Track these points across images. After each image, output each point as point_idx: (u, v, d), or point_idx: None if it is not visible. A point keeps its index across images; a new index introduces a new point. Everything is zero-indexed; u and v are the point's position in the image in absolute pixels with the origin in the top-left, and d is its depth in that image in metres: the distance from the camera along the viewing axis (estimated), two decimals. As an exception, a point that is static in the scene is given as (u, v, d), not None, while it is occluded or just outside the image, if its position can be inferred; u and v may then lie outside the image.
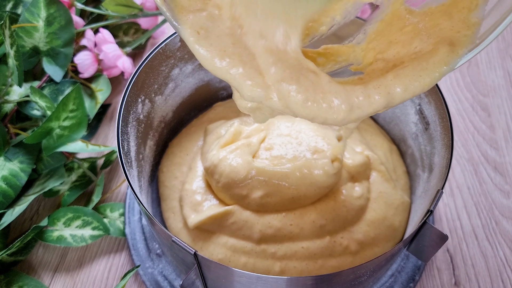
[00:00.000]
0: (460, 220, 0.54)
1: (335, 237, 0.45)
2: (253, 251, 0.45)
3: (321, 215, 0.46)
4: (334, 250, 0.45)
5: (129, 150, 0.45)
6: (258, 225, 0.45)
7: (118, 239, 0.53)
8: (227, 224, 0.46)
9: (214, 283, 0.40)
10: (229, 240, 0.46)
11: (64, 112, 0.50)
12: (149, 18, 0.64)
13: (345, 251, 0.45)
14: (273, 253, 0.45)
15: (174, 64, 0.51)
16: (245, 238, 0.45)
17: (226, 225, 0.46)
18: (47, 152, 0.50)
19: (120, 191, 0.56)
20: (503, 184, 0.56)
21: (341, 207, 0.46)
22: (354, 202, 0.47)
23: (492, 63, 0.68)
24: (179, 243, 0.35)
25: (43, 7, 0.56)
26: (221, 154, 0.48)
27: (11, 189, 0.50)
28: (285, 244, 0.45)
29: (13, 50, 0.51)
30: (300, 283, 0.36)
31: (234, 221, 0.46)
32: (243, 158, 0.48)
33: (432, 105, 0.46)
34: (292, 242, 0.45)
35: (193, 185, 0.50)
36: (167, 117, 0.54)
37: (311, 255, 0.45)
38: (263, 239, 0.45)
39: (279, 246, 0.45)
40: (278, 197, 0.46)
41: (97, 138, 0.61)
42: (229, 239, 0.46)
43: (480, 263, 0.51)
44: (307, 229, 0.45)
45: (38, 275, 0.50)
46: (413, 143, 0.51)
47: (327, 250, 0.45)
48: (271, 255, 0.45)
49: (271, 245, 0.45)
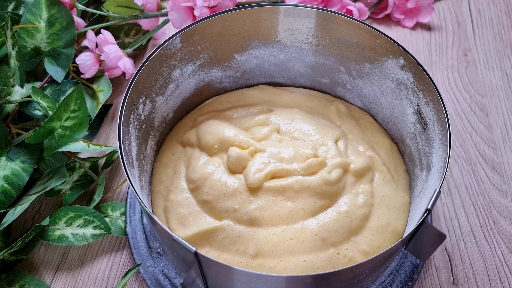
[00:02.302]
0: (458, 219, 0.54)
1: (339, 249, 0.45)
2: (249, 266, 0.44)
3: (324, 227, 0.45)
4: (339, 263, 0.44)
5: (130, 150, 0.45)
6: (254, 240, 0.45)
7: (119, 238, 0.53)
8: (218, 239, 0.45)
9: (215, 282, 0.40)
10: (221, 255, 0.45)
11: (66, 112, 0.51)
12: (150, 19, 0.65)
13: (349, 263, 0.44)
14: (271, 267, 0.44)
15: (175, 65, 0.51)
16: (239, 253, 0.45)
17: (216, 240, 0.45)
18: (48, 152, 0.51)
19: (121, 191, 0.56)
20: (501, 183, 0.57)
21: (345, 218, 0.46)
22: (357, 211, 0.47)
23: (490, 64, 0.68)
24: (180, 242, 0.36)
25: (44, 8, 0.57)
26: (210, 168, 0.48)
27: (12, 188, 0.50)
28: (284, 259, 0.44)
29: (14, 51, 0.51)
30: (299, 281, 0.37)
31: (225, 236, 0.45)
32: (233, 171, 0.48)
33: (430, 105, 0.46)
34: (292, 256, 0.44)
35: (178, 196, 0.49)
36: (168, 117, 0.55)
37: (314, 269, 0.44)
38: (259, 254, 0.44)
39: (277, 261, 0.44)
40: (273, 210, 0.46)
41: (99, 138, 0.61)
42: (221, 254, 0.45)
43: (478, 262, 0.51)
44: (309, 242, 0.44)
45: (40, 274, 0.51)
46: (411, 143, 0.51)
47: (330, 263, 0.44)
48: (269, 270, 0.44)
49: (268, 260, 0.44)
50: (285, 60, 0.57)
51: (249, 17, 0.52)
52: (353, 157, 0.51)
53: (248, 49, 0.55)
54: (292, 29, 0.53)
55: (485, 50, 0.70)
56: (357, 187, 0.49)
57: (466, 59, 0.69)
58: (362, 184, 0.49)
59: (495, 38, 0.72)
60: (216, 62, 0.55)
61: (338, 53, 0.53)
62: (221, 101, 0.58)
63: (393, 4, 0.72)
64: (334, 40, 0.53)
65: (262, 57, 0.57)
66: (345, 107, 0.57)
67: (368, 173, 0.50)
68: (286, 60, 0.57)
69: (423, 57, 0.69)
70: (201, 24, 0.50)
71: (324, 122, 0.54)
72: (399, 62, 0.49)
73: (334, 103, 0.57)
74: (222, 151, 0.50)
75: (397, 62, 0.49)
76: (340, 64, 0.55)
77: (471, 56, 0.69)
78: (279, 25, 0.53)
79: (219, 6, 0.62)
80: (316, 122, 0.53)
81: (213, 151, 0.50)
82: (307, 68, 0.58)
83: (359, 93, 0.57)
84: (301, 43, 0.55)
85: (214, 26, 0.51)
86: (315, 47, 0.54)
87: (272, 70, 0.58)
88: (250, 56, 0.56)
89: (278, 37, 0.54)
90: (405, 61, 0.48)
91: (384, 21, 0.74)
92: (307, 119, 0.53)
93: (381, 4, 0.74)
